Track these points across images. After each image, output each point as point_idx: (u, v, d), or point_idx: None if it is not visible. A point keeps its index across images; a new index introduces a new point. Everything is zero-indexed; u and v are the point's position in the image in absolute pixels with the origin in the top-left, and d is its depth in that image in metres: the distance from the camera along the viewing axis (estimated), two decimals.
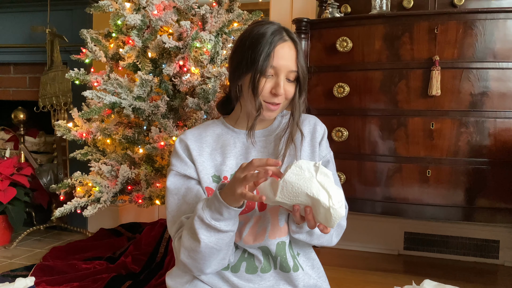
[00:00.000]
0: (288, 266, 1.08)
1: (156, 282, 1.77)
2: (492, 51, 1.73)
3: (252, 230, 1.06)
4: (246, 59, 1.03)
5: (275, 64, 1.02)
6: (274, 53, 1.01)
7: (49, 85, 2.59)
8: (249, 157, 1.10)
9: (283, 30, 1.05)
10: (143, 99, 1.82)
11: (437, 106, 1.78)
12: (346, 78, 1.91)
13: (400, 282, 0.98)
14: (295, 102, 1.08)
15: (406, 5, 2.14)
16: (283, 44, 1.03)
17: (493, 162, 1.75)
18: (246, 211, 1.06)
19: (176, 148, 1.11)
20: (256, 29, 1.05)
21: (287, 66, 1.03)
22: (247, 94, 1.06)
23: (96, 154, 2.03)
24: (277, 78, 1.03)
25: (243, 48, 1.05)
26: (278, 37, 1.02)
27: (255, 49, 1.01)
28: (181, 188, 1.08)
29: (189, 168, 1.08)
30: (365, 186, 1.88)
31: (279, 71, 1.03)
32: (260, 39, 1.02)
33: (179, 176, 1.09)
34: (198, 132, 1.13)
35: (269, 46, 1.01)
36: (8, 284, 1.47)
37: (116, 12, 1.91)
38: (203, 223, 0.94)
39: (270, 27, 1.04)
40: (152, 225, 2.21)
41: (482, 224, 2.22)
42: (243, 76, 1.05)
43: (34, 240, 2.56)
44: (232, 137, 1.13)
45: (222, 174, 1.08)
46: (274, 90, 1.03)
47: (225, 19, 1.90)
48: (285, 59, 1.03)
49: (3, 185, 2.37)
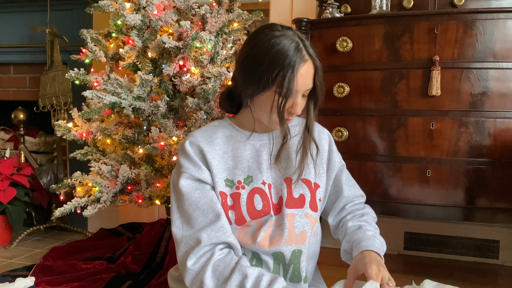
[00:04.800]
0: (300, 276, 1.07)
1: (156, 282, 1.77)
2: (492, 51, 1.73)
3: (266, 234, 1.04)
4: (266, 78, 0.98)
5: (297, 88, 0.99)
6: (297, 76, 0.98)
7: (49, 85, 2.59)
8: (260, 161, 1.08)
9: (303, 46, 1.01)
10: (143, 99, 1.82)
11: (437, 106, 1.78)
12: (346, 78, 1.91)
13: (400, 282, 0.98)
14: (310, 115, 1.07)
15: (406, 5, 2.14)
16: (304, 65, 0.99)
17: (493, 162, 1.75)
18: (262, 216, 1.04)
19: (187, 150, 1.06)
20: (275, 43, 0.99)
21: (306, 85, 1.01)
22: (261, 109, 1.04)
23: (96, 154, 2.03)
24: (295, 98, 1.01)
25: (263, 64, 0.99)
26: (299, 58, 0.98)
27: (276, 70, 0.98)
28: (194, 193, 1.03)
29: (203, 172, 1.04)
30: (365, 186, 1.87)
31: (298, 92, 1.01)
32: (281, 58, 0.97)
33: (191, 180, 1.04)
34: (208, 134, 1.09)
35: (292, 69, 0.97)
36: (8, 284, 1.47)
37: (116, 12, 1.91)
38: None
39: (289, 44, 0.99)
40: (152, 225, 2.21)
41: (482, 224, 2.22)
42: (260, 93, 1.01)
43: (34, 240, 2.56)
44: (242, 139, 1.10)
45: (236, 178, 1.06)
46: (291, 109, 1.02)
47: (225, 19, 1.90)
48: (304, 79, 1.00)
49: (3, 185, 2.37)
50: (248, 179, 1.06)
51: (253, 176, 1.07)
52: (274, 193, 1.07)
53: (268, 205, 1.05)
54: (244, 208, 1.03)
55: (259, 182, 1.06)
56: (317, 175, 1.13)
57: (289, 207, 1.06)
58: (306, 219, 1.07)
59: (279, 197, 1.07)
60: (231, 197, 1.04)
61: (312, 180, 1.11)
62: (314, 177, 1.12)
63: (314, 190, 1.11)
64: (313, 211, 1.09)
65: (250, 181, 1.06)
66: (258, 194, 1.05)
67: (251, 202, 1.04)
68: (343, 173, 1.21)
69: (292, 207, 1.06)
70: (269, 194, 1.06)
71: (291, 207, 1.06)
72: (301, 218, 1.07)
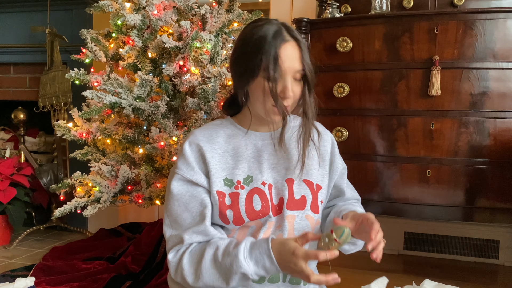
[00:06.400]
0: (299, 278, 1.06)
1: (156, 282, 1.77)
2: (492, 51, 1.73)
3: (265, 236, 1.04)
4: (251, 65, 1.00)
5: (281, 67, 0.99)
6: (280, 57, 0.99)
7: (49, 85, 2.59)
8: (261, 160, 1.08)
9: (284, 28, 1.02)
10: (143, 99, 1.82)
11: (437, 106, 1.78)
12: (346, 78, 1.91)
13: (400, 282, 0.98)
14: (306, 100, 1.05)
15: (406, 5, 2.14)
16: (285, 45, 1.00)
17: (493, 162, 1.75)
18: (260, 216, 1.04)
19: (185, 150, 1.06)
20: (256, 31, 1.02)
21: (293, 66, 1.01)
22: (255, 99, 1.04)
23: (96, 154, 2.03)
24: (284, 80, 1.01)
25: (246, 54, 1.01)
26: (280, 39, 1.00)
27: (259, 55, 0.99)
28: (184, 194, 1.04)
29: (196, 173, 1.04)
30: (365, 186, 1.88)
31: (285, 73, 1.00)
32: (262, 43, 0.99)
33: (183, 181, 1.05)
34: (209, 132, 1.09)
35: (273, 50, 0.98)
36: (8, 284, 1.47)
37: (116, 12, 1.91)
38: (243, 275, 0.94)
39: (269, 28, 1.01)
40: (152, 225, 2.21)
41: (482, 224, 2.22)
42: (249, 82, 1.02)
43: (34, 240, 2.56)
44: (243, 138, 1.10)
45: (235, 178, 1.05)
46: (282, 94, 1.01)
47: (225, 19, 1.90)
48: (289, 60, 1.00)
49: (3, 185, 2.37)
50: (248, 179, 1.06)
51: (253, 176, 1.06)
52: (275, 194, 1.07)
53: (267, 206, 1.04)
54: (243, 208, 1.03)
55: (259, 183, 1.05)
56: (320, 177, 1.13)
57: (289, 209, 1.05)
58: (306, 221, 1.07)
59: (279, 198, 1.06)
60: (230, 196, 1.04)
61: (314, 181, 1.11)
62: (316, 178, 1.12)
63: (316, 192, 1.10)
64: (314, 213, 1.08)
65: (250, 181, 1.05)
66: (257, 194, 1.04)
67: (250, 202, 1.03)
68: (344, 176, 1.21)
69: (293, 209, 1.05)
70: (268, 195, 1.05)
71: (291, 209, 1.05)
72: (301, 220, 1.06)
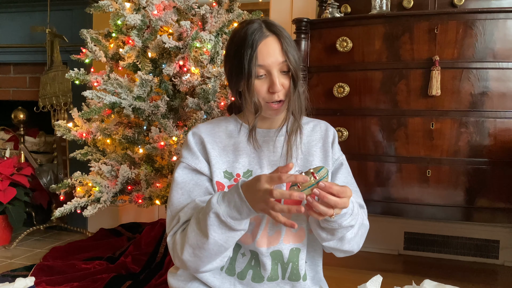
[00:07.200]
0: (298, 274, 1.07)
1: (156, 282, 1.77)
2: (492, 51, 1.73)
3: (264, 232, 1.05)
4: (235, 66, 1.02)
5: (262, 63, 1.00)
6: (258, 52, 0.99)
7: (49, 85, 2.59)
8: (262, 156, 1.09)
9: (264, 25, 1.02)
10: (143, 99, 1.82)
11: (437, 106, 1.78)
12: (346, 78, 1.91)
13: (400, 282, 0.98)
14: (290, 94, 1.04)
15: (406, 5, 2.14)
16: (264, 41, 1.01)
17: (493, 162, 1.75)
18: None
19: (188, 140, 1.08)
20: (238, 33, 1.03)
21: (275, 60, 1.01)
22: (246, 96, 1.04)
23: (96, 154, 2.03)
24: (271, 75, 1.01)
25: (231, 55, 1.04)
26: (258, 35, 1.00)
27: (240, 54, 1.00)
28: (189, 182, 1.05)
29: (200, 162, 1.06)
30: (365, 186, 1.88)
31: (270, 68, 1.01)
32: (242, 42, 1.01)
33: (188, 170, 1.06)
34: (211, 126, 1.12)
35: (252, 47, 0.99)
36: (8, 284, 1.47)
37: (116, 12, 1.91)
38: (217, 219, 0.92)
39: (249, 28, 1.02)
40: (152, 225, 2.22)
41: (482, 224, 2.22)
42: (238, 83, 1.04)
43: (34, 240, 2.56)
44: (245, 134, 1.11)
45: (235, 171, 1.07)
46: (271, 89, 1.02)
47: (225, 19, 1.90)
48: (270, 54, 1.00)
49: (3, 185, 2.37)
50: (248, 173, 1.07)
51: (252, 171, 1.07)
52: None
53: None
54: None
55: None
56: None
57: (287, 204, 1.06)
58: (303, 216, 1.07)
59: None
60: (228, 189, 1.04)
61: None
62: None
63: None
64: None
65: (249, 176, 1.06)
66: None
67: None
68: (341, 171, 1.18)
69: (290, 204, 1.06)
70: None
71: (288, 204, 1.06)
72: (298, 216, 1.06)
